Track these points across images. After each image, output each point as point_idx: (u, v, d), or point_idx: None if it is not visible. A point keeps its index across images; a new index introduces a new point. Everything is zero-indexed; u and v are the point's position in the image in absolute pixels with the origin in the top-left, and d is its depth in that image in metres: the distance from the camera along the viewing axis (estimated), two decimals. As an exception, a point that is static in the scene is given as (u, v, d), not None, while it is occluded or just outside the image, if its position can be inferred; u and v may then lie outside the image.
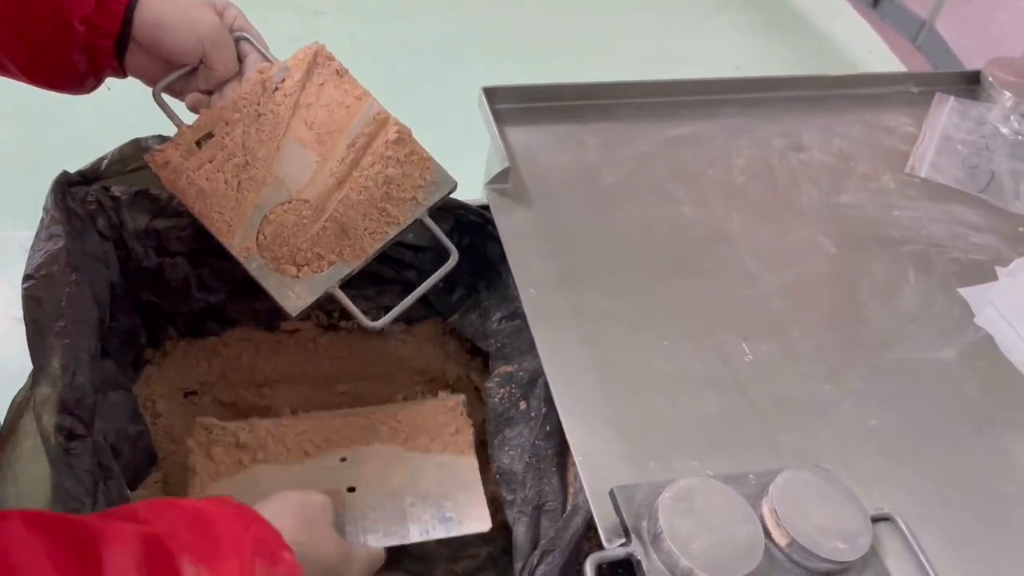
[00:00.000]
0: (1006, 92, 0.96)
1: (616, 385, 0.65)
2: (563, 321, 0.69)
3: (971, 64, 1.03)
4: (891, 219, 0.84)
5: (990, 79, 0.98)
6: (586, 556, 0.52)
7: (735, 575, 0.51)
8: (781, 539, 0.54)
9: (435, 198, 0.70)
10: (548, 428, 0.69)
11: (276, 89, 0.68)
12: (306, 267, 0.68)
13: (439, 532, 0.73)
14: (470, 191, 0.82)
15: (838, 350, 0.71)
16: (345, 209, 0.68)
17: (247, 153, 0.68)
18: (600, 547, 0.54)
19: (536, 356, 0.66)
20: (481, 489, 0.76)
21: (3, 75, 0.65)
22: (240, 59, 0.69)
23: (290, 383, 0.87)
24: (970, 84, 1.01)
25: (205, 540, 0.44)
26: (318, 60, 0.70)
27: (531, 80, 0.88)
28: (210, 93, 0.69)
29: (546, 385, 0.65)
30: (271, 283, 0.67)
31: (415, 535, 0.72)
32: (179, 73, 0.67)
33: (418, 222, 0.70)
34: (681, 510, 0.53)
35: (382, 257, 0.75)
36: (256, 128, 0.68)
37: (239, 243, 0.67)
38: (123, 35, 0.64)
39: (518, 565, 0.63)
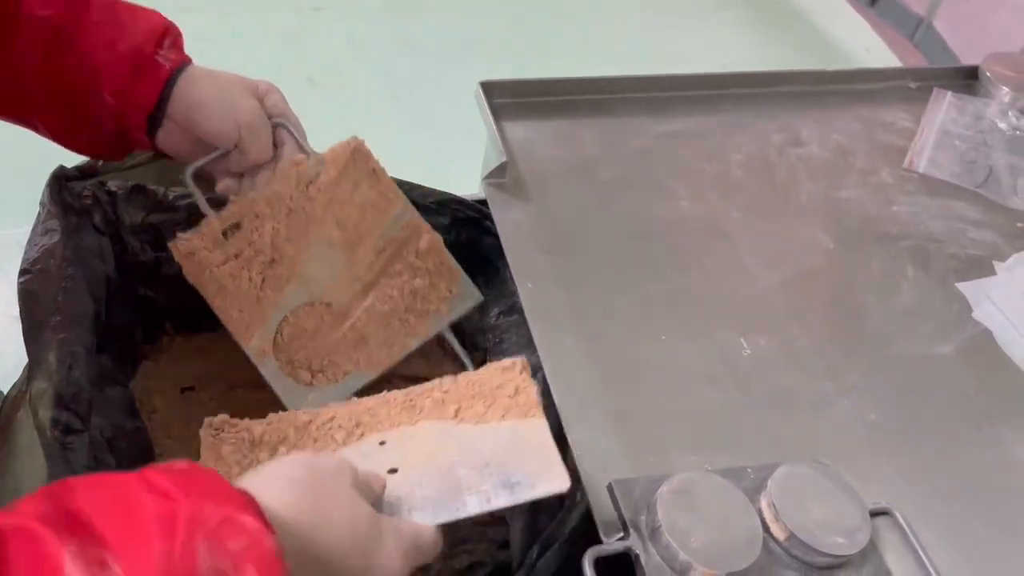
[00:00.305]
0: (1004, 87, 0.96)
1: (614, 379, 0.65)
2: (561, 316, 0.69)
3: (968, 62, 1.03)
4: (889, 214, 0.84)
5: (988, 74, 0.98)
6: (585, 551, 0.52)
7: (733, 569, 0.51)
8: (780, 533, 0.54)
9: (459, 312, 0.69)
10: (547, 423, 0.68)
11: (310, 183, 0.66)
12: (321, 374, 0.65)
13: (503, 499, 0.57)
14: (468, 187, 0.82)
15: (836, 345, 0.71)
16: (368, 319, 0.66)
17: (275, 251, 0.65)
18: (599, 541, 0.54)
19: (534, 351, 0.66)
20: (554, 448, 0.60)
21: (32, 130, 0.64)
22: (276, 146, 0.67)
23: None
24: (968, 80, 1.01)
25: (114, 522, 0.34)
26: (355, 156, 0.67)
27: (529, 76, 0.88)
28: (241, 175, 0.68)
29: (545, 380, 0.65)
30: (283, 389, 0.64)
31: (473, 506, 0.57)
32: (212, 156, 0.65)
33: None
34: (680, 504, 0.53)
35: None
36: (286, 225, 0.66)
37: (256, 344, 0.65)
38: (157, 111, 0.63)
39: (516, 560, 0.63)
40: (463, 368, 0.67)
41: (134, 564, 0.33)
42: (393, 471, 0.60)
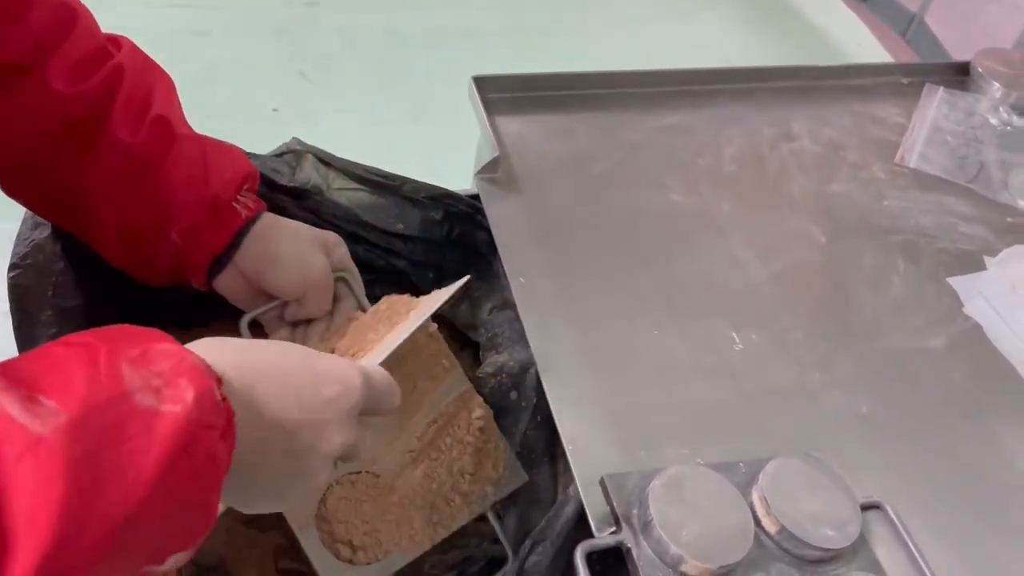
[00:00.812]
0: (995, 83, 0.97)
1: (606, 373, 0.65)
2: (553, 310, 0.69)
3: (960, 58, 1.03)
4: (881, 209, 0.84)
5: (980, 70, 0.98)
6: (577, 545, 0.52)
7: (725, 562, 0.51)
8: (771, 527, 0.54)
9: (505, 492, 0.67)
10: (539, 418, 0.69)
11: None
12: (361, 552, 0.63)
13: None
14: (461, 182, 0.82)
15: (828, 339, 0.71)
16: (415, 495, 0.64)
17: None
18: (591, 536, 0.54)
19: (527, 346, 0.66)
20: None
21: (82, 239, 0.63)
22: (335, 300, 0.67)
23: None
24: (959, 75, 1.01)
25: (36, 368, 0.33)
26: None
27: (521, 71, 0.87)
28: (295, 325, 0.67)
29: (537, 375, 0.65)
30: (321, 562, 0.61)
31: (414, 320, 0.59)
32: (272, 306, 0.64)
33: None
34: (671, 498, 0.53)
35: (372, 246, 0.74)
36: None
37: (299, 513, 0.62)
38: (224, 256, 0.62)
39: (509, 555, 0.63)
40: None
41: (63, 393, 0.32)
42: None
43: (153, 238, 0.60)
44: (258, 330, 0.68)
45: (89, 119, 0.57)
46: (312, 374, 0.44)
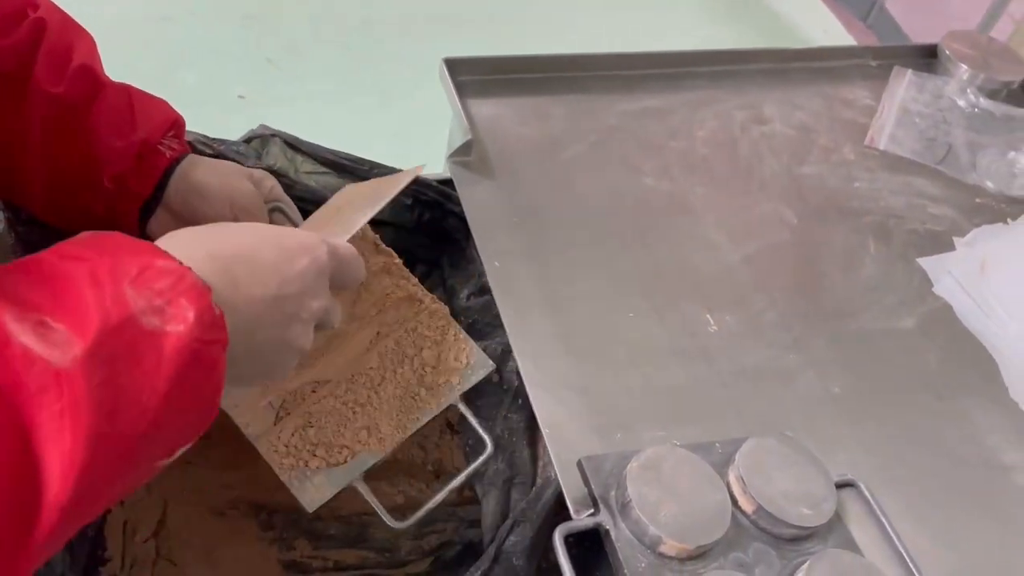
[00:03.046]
0: (963, 65, 0.97)
1: (583, 357, 0.65)
2: (529, 294, 0.68)
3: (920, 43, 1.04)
4: (851, 190, 0.85)
5: (947, 52, 0.99)
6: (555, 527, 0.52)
7: (703, 542, 0.51)
8: (747, 506, 0.54)
9: (472, 382, 0.67)
10: (520, 401, 0.68)
11: None
12: (326, 457, 0.62)
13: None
14: (434, 166, 0.81)
15: (801, 319, 0.71)
16: (380, 403, 0.64)
17: None
18: (569, 518, 0.54)
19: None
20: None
21: (14, 202, 0.63)
22: None
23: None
24: (927, 58, 1.02)
25: (42, 291, 0.35)
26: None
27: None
28: None
29: (514, 359, 0.64)
30: (285, 471, 0.61)
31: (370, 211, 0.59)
32: None
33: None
34: (649, 479, 0.53)
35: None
36: None
37: (254, 428, 0.61)
38: (152, 199, 0.62)
39: (487, 536, 0.63)
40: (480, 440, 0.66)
41: (74, 318, 0.34)
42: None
43: (84, 187, 0.61)
44: None
45: (15, 74, 0.57)
46: (282, 249, 0.46)
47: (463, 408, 0.66)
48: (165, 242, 0.42)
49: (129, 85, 0.63)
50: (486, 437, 0.65)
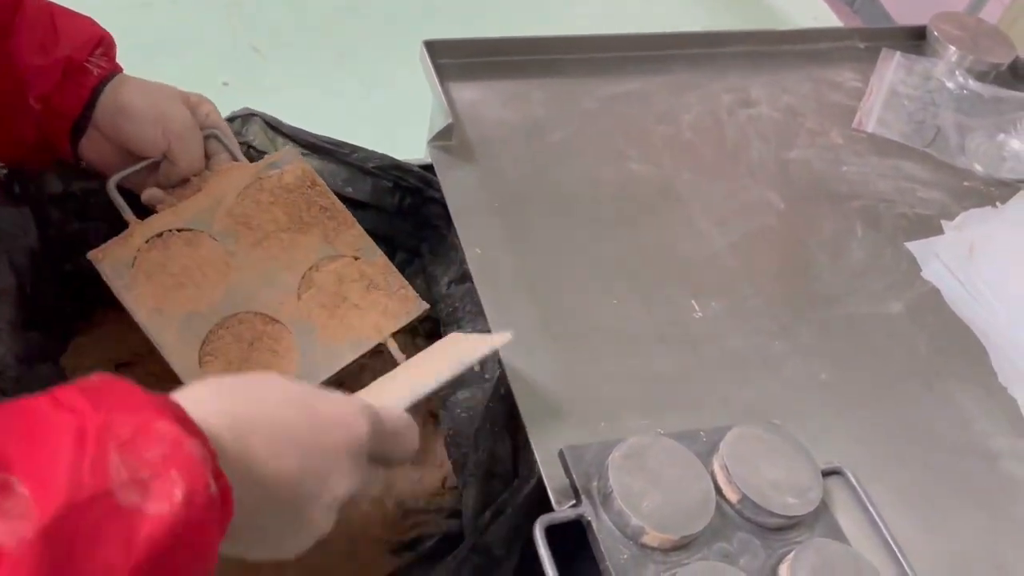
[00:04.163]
0: (951, 47, 0.96)
1: (565, 344, 0.63)
2: (510, 281, 0.67)
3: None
4: (839, 174, 0.83)
5: (936, 34, 0.98)
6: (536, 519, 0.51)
7: (687, 532, 0.50)
8: (732, 495, 0.53)
9: (404, 322, 0.68)
10: (502, 391, 0.67)
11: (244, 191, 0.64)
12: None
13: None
14: (416, 150, 0.80)
15: (788, 306, 0.70)
16: (306, 326, 0.64)
17: None
18: (551, 509, 0.52)
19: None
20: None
21: None
22: (207, 156, 0.65)
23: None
24: (916, 40, 1.01)
25: (19, 443, 0.31)
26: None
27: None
28: (169, 189, 0.65)
29: (496, 349, 0.63)
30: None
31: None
32: (139, 166, 0.62)
33: None
34: (631, 469, 0.52)
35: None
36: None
37: (182, 364, 0.61)
38: (83, 119, 0.60)
39: (467, 528, 0.62)
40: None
41: (41, 484, 0.29)
42: None
43: (11, 111, 0.58)
44: (132, 196, 0.65)
45: None
46: (311, 421, 0.41)
47: (391, 345, 0.67)
48: (184, 393, 0.37)
49: (52, 3, 0.61)
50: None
